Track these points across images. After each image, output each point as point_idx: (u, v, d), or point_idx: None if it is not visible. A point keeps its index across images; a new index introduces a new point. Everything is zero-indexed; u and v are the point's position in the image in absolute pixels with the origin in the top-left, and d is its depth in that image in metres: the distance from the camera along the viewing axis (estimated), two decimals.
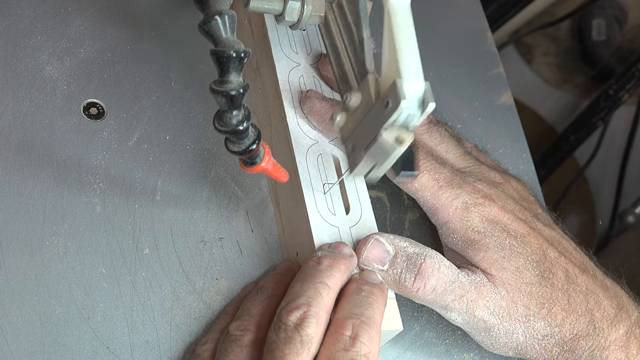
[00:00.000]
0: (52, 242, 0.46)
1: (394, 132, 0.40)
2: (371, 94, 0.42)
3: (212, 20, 0.36)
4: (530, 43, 1.40)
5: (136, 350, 0.45)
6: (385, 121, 0.40)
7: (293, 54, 0.53)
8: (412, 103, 0.39)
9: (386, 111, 0.40)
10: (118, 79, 0.53)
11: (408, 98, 0.39)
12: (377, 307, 0.42)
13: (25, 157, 0.48)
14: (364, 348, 0.40)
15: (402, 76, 0.39)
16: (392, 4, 0.39)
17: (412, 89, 0.39)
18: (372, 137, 0.41)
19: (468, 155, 0.52)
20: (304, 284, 0.41)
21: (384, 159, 0.42)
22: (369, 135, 0.42)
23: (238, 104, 0.37)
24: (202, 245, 0.49)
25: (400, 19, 0.40)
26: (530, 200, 0.52)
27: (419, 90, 0.39)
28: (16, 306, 0.44)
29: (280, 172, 0.43)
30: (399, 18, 0.39)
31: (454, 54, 0.65)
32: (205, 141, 0.52)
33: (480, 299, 0.45)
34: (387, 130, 0.40)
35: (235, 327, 0.43)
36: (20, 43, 0.52)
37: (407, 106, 0.39)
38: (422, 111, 0.40)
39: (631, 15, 1.40)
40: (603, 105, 1.15)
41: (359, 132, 0.44)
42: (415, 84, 0.39)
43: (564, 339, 0.46)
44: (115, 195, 0.49)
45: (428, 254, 0.45)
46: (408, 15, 0.40)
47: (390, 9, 0.39)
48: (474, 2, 0.69)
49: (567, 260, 0.48)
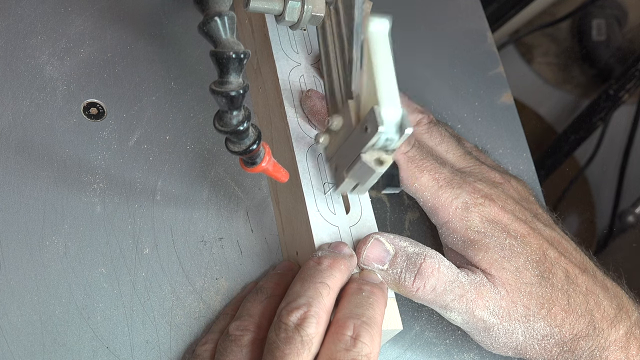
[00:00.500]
0: (52, 242, 0.46)
1: (374, 155, 0.43)
2: (352, 119, 0.44)
3: (211, 21, 0.36)
4: (530, 43, 1.40)
5: (136, 350, 0.45)
6: (365, 144, 0.42)
7: (294, 54, 0.53)
8: (390, 128, 0.41)
9: (365, 135, 0.42)
10: (118, 79, 0.53)
11: (385, 124, 0.41)
12: (378, 307, 0.42)
13: (25, 157, 0.48)
14: (365, 348, 0.40)
15: (379, 103, 0.41)
16: (371, 32, 0.41)
17: (389, 115, 0.41)
18: (353, 159, 0.44)
19: (468, 155, 0.52)
20: (304, 284, 0.41)
21: (365, 180, 0.44)
22: (350, 157, 0.44)
23: (238, 104, 0.37)
24: (202, 245, 0.49)
25: (378, 46, 0.41)
26: (531, 200, 0.52)
27: (397, 116, 0.41)
28: (16, 306, 0.44)
29: (281, 172, 0.43)
30: (377, 45, 0.41)
31: (454, 54, 0.65)
32: (205, 141, 0.52)
33: (479, 298, 0.45)
34: (366, 153, 0.43)
35: (235, 327, 0.43)
36: (20, 43, 0.52)
37: (385, 131, 0.41)
38: (400, 136, 0.41)
39: (631, 15, 1.39)
40: (603, 105, 1.15)
41: (341, 154, 0.46)
42: (392, 110, 0.41)
43: (564, 339, 0.46)
44: (115, 195, 0.49)
45: (428, 253, 0.45)
46: (386, 42, 0.41)
47: (369, 36, 0.41)
48: (474, 2, 0.69)
49: (567, 260, 0.48)
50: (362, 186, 0.45)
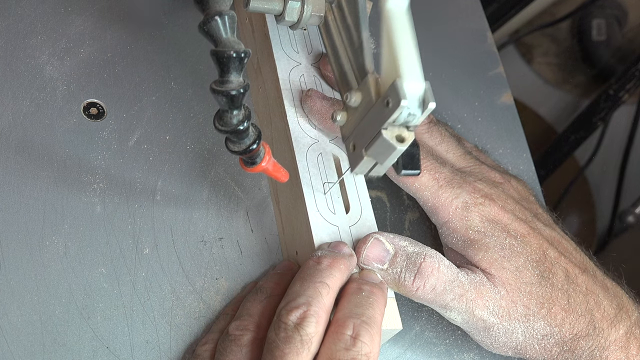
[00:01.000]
0: (52, 242, 0.46)
1: (395, 131, 0.41)
2: (371, 94, 0.43)
3: (212, 20, 0.36)
4: (530, 43, 1.40)
5: (136, 350, 0.45)
6: (386, 120, 0.40)
7: (294, 53, 0.53)
8: (413, 102, 0.39)
9: (387, 110, 0.40)
10: (118, 79, 0.53)
11: (408, 97, 0.39)
12: (378, 306, 0.42)
13: (25, 157, 0.48)
14: (365, 347, 0.40)
15: (402, 76, 0.39)
16: (390, 8, 0.40)
17: (412, 89, 0.39)
18: (373, 136, 0.42)
19: (468, 155, 0.52)
20: (304, 284, 0.41)
21: (384, 158, 0.42)
22: (370, 134, 0.42)
23: (238, 103, 0.37)
24: (202, 245, 0.49)
25: (398, 21, 0.40)
26: (531, 200, 0.52)
27: (419, 90, 0.39)
28: (16, 306, 0.44)
29: (281, 172, 0.43)
30: (397, 20, 0.40)
31: (454, 54, 0.65)
32: (205, 141, 0.52)
33: (479, 298, 0.45)
34: (387, 129, 0.41)
35: (235, 327, 0.43)
36: (20, 43, 0.52)
37: (408, 105, 0.39)
38: (423, 110, 0.40)
39: (631, 15, 1.39)
40: (603, 105, 1.15)
41: (360, 131, 0.44)
42: (416, 83, 0.39)
43: (564, 339, 0.46)
44: (115, 195, 0.49)
45: (428, 253, 0.45)
46: (406, 17, 0.40)
47: (388, 11, 0.40)
48: (474, 2, 0.69)
49: (567, 260, 0.48)
50: (380, 165, 0.43)
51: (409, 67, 0.39)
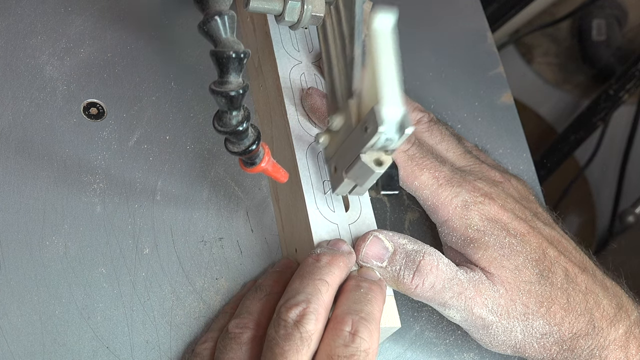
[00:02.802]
0: (52, 242, 0.46)
1: (374, 155, 0.42)
2: (352, 118, 0.44)
3: (211, 20, 0.36)
4: (530, 43, 1.40)
5: (136, 350, 0.45)
6: (365, 145, 0.42)
7: (295, 52, 0.53)
8: (390, 128, 0.40)
9: (365, 135, 0.41)
10: (118, 79, 0.53)
11: (386, 123, 0.40)
12: (376, 303, 0.42)
13: (25, 157, 0.48)
14: (363, 344, 0.40)
15: (380, 102, 0.40)
16: (375, 29, 0.40)
17: (390, 115, 0.40)
18: (353, 159, 0.43)
19: (468, 154, 0.52)
20: (303, 281, 0.41)
21: (363, 181, 0.43)
22: (350, 158, 0.44)
23: (238, 104, 0.37)
24: (202, 245, 0.49)
25: (381, 43, 0.40)
26: (530, 199, 0.52)
27: (398, 115, 0.40)
28: (16, 306, 0.44)
29: (280, 172, 0.43)
30: (380, 42, 0.40)
31: (454, 54, 0.65)
32: (205, 141, 0.52)
33: (478, 296, 0.45)
34: (366, 153, 0.42)
35: (234, 325, 0.43)
36: (20, 43, 0.52)
37: (385, 131, 0.40)
38: (400, 135, 0.41)
39: (631, 15, 1.39)
40: (603, 105, 1.15)
41: (341, 154, 0.45)
42: (394, 108, 0.40)
43: (563, 338, 0.46)
44: (115, 195, 0.49)
45: (427, 251, 0.45)
46: (389, 40, 0.40)
47: (373, 31, 0.40)
48: (474, 2, 0.69)
49: (567, 259, 0.48)
50: (360, 187, 0.45)
51: (388, 92, 0.40)
